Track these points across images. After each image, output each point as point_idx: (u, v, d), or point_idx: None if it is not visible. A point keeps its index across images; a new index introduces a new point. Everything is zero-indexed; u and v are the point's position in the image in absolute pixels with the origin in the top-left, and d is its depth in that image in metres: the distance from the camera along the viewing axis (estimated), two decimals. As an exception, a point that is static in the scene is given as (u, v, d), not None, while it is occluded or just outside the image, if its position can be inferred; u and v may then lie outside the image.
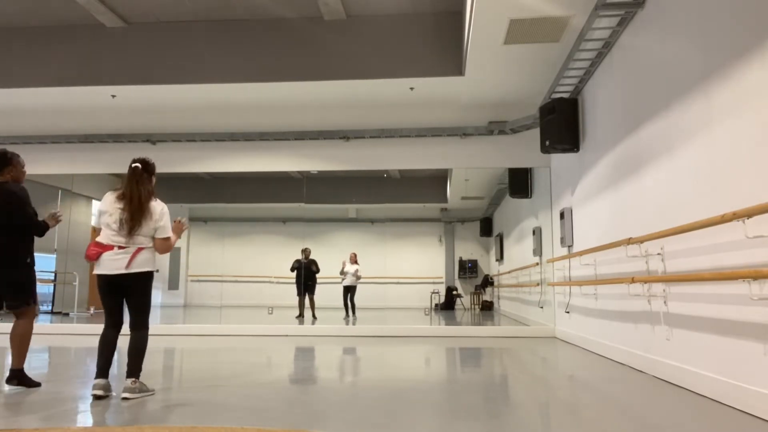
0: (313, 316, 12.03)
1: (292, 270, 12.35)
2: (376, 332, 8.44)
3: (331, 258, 14.52)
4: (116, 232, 3.77)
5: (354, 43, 7.64)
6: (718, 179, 3.62)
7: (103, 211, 3.83)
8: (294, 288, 12.85)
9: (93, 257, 3.74)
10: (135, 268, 3.76)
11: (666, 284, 4.39)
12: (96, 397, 3.59)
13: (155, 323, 10.15)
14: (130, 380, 3.68)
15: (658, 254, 4.52)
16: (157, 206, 3.93)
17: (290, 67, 7.66)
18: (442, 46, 7.49)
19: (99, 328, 9.37)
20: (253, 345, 6.96)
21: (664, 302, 4.42)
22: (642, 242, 4.70)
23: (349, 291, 12.94)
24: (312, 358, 5.75)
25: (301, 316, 11.88)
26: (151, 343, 7.16)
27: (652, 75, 4.66)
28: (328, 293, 14.41)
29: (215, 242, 18.05)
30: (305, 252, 12.44)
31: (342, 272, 12.95)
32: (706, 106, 3.78)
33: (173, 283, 17.91)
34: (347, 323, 10.39)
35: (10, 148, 3.99)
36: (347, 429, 2.91)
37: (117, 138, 9.32)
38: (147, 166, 3.98)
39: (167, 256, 18.01)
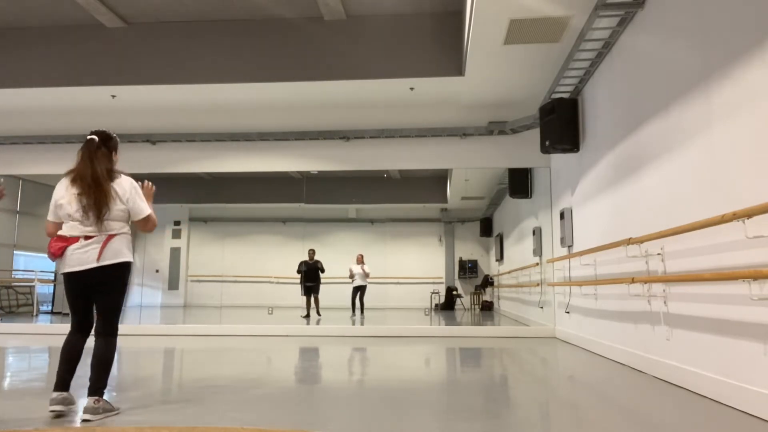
0: (318, 313, 12.07)
1: (299, 272, 12.37)
2: (376, 332, 8.44)
3: (331, 258, 14.53)
4: (80, 221, 3.16)
5: (354, 43, 7.64)
6: (718, 179, 3.62)
7: (58, 200, 3.21)
8: (298, 288, 12.89)
9: (57, 253, 3.15)
10: (108, 260, 3.15)
11: (666, 284, 4.39)
12: (55, 415, 3.08)
13: (155, 323, 10.14)
14: (92, 399, 3.08)
15: (658, 254, 4.52)
16: (124, 183, 3.28)
17: (290, 67, 7.66)
18: (442, 46, 7.49)
19: (99, 328, 9.26)
20: (253, 345, 6.96)
21: (664, 302, 4.42)
22: (642, 242, 4.70)
23: (359, 290, 13.00)
24: (312, 359, 5.75)
25: (307, 315, 12.00)
26: (152, 343, 7.16)
27: (652, 75, 4.66)
28: (330, 293, 14.41)
29: (215, 242, 18.06)
30: (310, 253, 12.47)
31: (351, 276, 13.01)
32: (706, 106, 3.78)
33: (173, 283, 17.92)
34: (353, 323, 10.42)
35: (11, 148, 3.88)
36: (348, 429, 2.91)
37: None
38: (106, 141, 3.33)
39: (167, 256, 18.02)
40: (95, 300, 3.24)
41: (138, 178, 3.48)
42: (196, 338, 7.82)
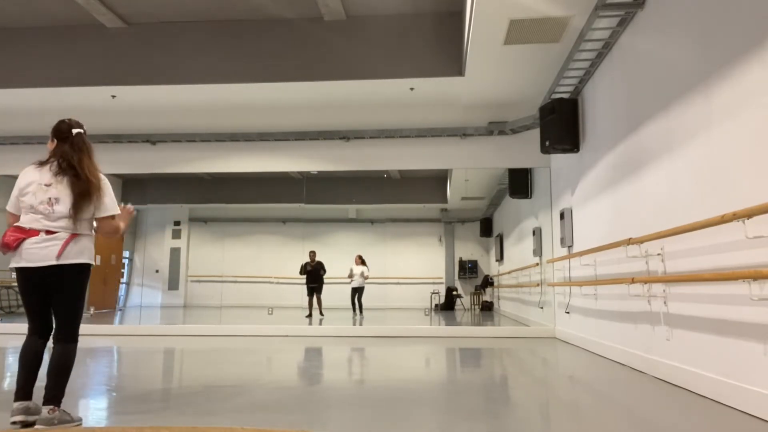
0: (321, 313, 12.21)
1: (301, 274, 12.63)
2: (377, 332, 8.44)
3: (331, 258, 14.52)
4: (45, 215, 2.94)
5: (354, 44, 7.63)
6: (718, 179, 3.62)
7: (25, 189, 2.99)
8: (298, 288, 13.04)
9: (11, 245, 2.91)
10: (68, 259, 2.94)
11: (666, 284, 4.39)
12: (22, 424, 2.84)
13: (155, 323, 10.14)
14: (47, 408, 2.86)
15: (658, 254, 4.52)
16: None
17: (290, 67, 7.66)
18: (442, 46, 7.49)
19: (99, 328, 9.34)
20: (253, 345, 6.96)
21: (664, 302, 4.41)
22: (642, 242, 4.69)
23: (357, 291, 13.18)
24: (312, 359, 5.75)
25: (309, 315, 12.20)
26: (152, 343, 7.15)
27: (652, 75, 4.66)
28: (331, 294, 14.41)
29: (215, 242, 18.05)
30: (311, 255, 12.70)
31: (350, 276, 13.19)
32: (706, 106, 3.78)
33: (173, 284, 17.91)
34: (354, 322, 10.49)
35: (11, 148, 3.83)
36: (347, 429, 2.91)
37: (117, 138, 9.32)
38: (85, 135, 3.18)
39: (167, 256, 18.01)
40: (53, 303, 3.00)
41: (138, 178, 3.42)
42: (196, 338, 7.81)
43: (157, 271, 18.13)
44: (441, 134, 8.73)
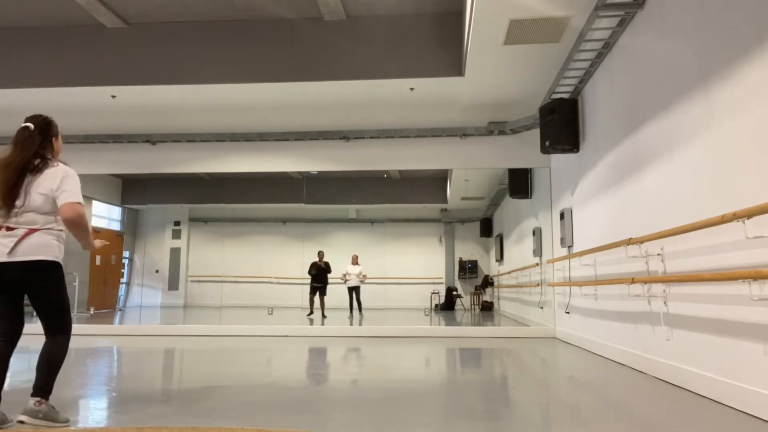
0: (323, 314, 12.24)
1: (310, 274, 12.74)
2: (376, 332, 8.44)
3: (331, 258, 14.53)
4: (3, 211, 2.93)
5: (354, 44, 7.63)
6: (718, 179, 3.62)
7: None
8: (298, 288, 13.12)
9: None
10: (21, 256, 2.85)
11: (666, 284, 4.39)
12: None
13: (155, 323, 10.15)
14: (33, 400, 2.83)
15: (658, 255, 4.52)
16: (56, 171, 2.99)
17: (291, 67, 7.66)
18: (442, 47, 7.49)
19: (99, 328, 9.31)
20: (253, 346, 6.96)
21: (664, 303, 4.42)
22: (642, 242, 4.70)
23: (354, 291, 13.25)
24: (312, 359, 5.75)
25: (311, 313, 12.33)
26: (152, 343, 7.15)
27: (652, 75, 4.66)
28: (331, 293, 14.43)
29: (215, 242, 18.05)
30: (320, 255, 12.85)
31: (344, 276, 13.28)
32: (706, 106, 3.78)
33: (173, 284, 17.91)
34: (351, 323, 10.50)
35: None
36: (347, 429, 2.91)
37: (117, 138, 9.32)
38: (44, 127, 3.14)
39: (167, 256, 18.02)
40: (32, 304, 2.96)
41: (138, 178, 3.36)
42: (196, 339, 7.82)
43: (157, 271, 18.13)
44: (441, 134, 8.73)
